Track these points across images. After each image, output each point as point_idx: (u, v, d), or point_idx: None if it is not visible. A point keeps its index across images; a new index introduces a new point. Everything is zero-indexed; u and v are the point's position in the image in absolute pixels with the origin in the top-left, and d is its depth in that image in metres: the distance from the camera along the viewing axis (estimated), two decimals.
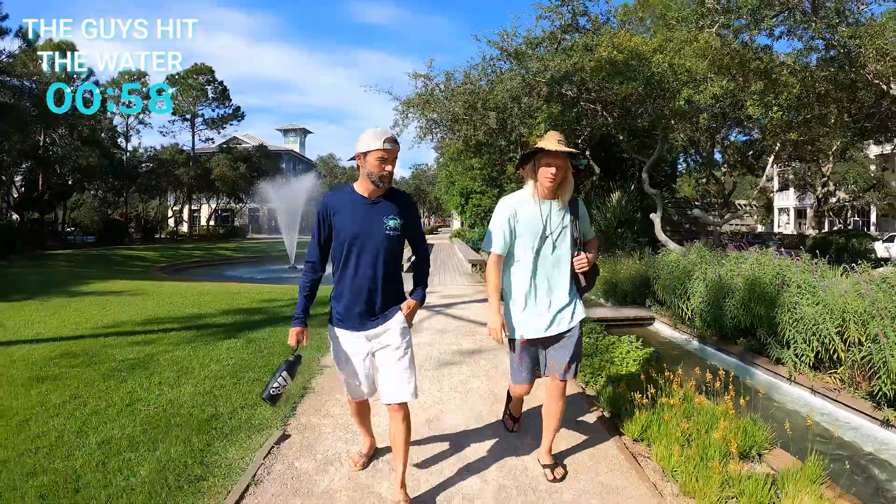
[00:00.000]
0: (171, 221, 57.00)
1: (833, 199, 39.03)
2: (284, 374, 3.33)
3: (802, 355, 6.26)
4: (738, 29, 9.42)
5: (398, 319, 3.38)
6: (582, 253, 3.67)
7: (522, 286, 3.69)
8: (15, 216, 36.46)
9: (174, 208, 57.01)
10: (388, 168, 3.22)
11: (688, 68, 10.84)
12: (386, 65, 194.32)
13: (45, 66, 33.46)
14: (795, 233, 42.99)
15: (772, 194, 56.30)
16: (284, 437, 4.42)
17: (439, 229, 76.32)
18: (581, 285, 3.76)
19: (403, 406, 3.35)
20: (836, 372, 6.12)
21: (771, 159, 16.79)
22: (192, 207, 54.74)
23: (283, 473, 3.88)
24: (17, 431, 4.56)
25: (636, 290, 11.12)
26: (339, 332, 3.43)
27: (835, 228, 42.23)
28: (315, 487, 3.70)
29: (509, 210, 3.67)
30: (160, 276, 21.51)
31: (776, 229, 59.30)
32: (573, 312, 3.73)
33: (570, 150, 3.53)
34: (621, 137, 16.24)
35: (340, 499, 3.60)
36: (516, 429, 4.53)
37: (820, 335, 6.04)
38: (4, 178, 34.02)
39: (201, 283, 17.36)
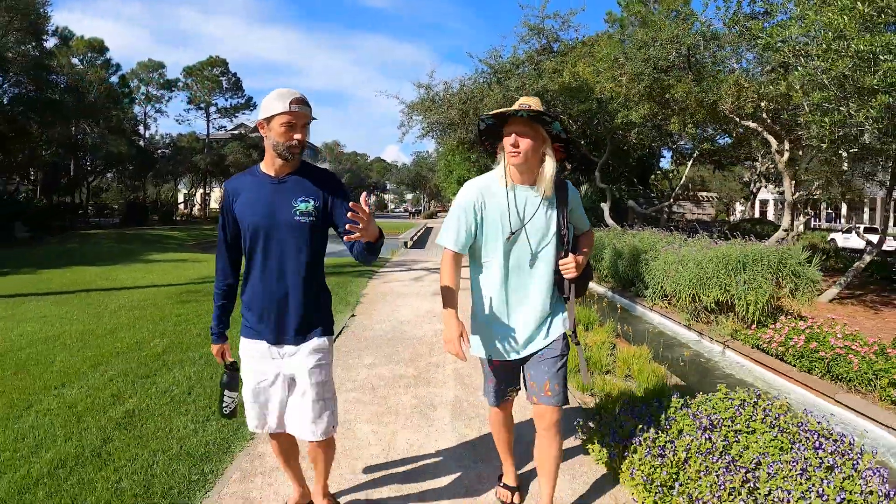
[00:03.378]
0: (181, 206, 60.53)
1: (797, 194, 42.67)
2: (227, 392, 2.98)
3: (654, 292, 10.08)
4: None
5: (314, 343, 2.74)
6: (570, 255, 2.86)
7: (492, 295, 2.91)
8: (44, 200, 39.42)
9: (187, 192, 60.61)
10: (297, 136, 2.59)
11: (622, 94, 14.70)
12: (387, 49, 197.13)
13: (76, 62, 37.16)
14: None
15: (753, 187, 59.99)
16: (352, 315, 8.32)
17: (438, 213, 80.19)
18: (565, 294, 2.94)
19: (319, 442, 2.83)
20: (669, 301, 9.99)
21: (689, 163, 20.70)
22: (204, 191, 58.60)
23: (358, 326, 7.76)
24: (196, 321, 8.33)
25: None
26: (247, 344, 2.81)
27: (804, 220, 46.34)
28: (370, 333, 7.49)
29: (473, 196, 2.85)
30: (200, 251, 24.98)
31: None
32: (549, 327, 2.93)
33: (536, 110, 2.67)
34: (583, 142, 20.03)
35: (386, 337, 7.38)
36: (516, 500, 3.33)
37: (658, 279, 9.85)
38: (38, 164, 36.93)
39: None
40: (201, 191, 58.46)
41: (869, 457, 3.15)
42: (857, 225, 34.57)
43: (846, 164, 13.12)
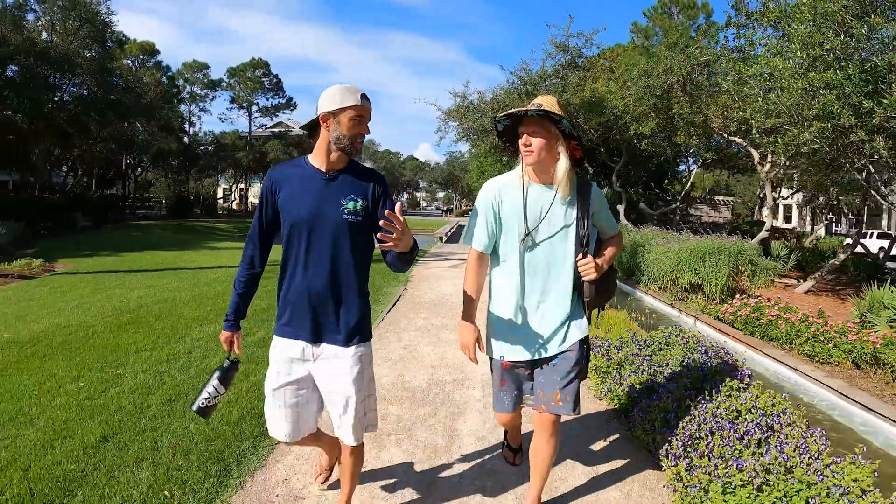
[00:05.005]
0: (220, 201, 62.88)
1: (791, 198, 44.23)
2: (216, 382, 2.77)
3: (647, 278, 12.18)
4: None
5: (358, 351, 2.64)
6: (589, 256, 2.77)
7: (509, 294, 2.86)
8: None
9: (225, 187, 63.43)
10: (364, 131, 2.52)
11: (631, 111, 16.82)
12: (418, 46, 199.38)
13: (128, 63, 39.71)
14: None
15: (761, 193, 61.52)
16: (405, 289, 10.55)
17: (469, 212, 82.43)
18: (584, 298, 2.84)
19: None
20: (658, 286, 12.07)
21: (694, 170, 22.75)
22: (242, 186, 61.52)
23: (411, 295, 9.94)
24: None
25: None
26: (282, 344, 2.69)
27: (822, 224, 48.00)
28: (421, 300, 9.66)
29: (493, 195, 2.81)
30: None
31: (780, 224, 65.16)
32: (567, 331, 2.83)
33: (544, 109, 2.59)
34: (602, 150, 22.11)
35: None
36: (517, 461, 3.53)
37: (650, 267, 11.96)
38: (93, 159, 39.17)
39: None
40: (241, 186, 61.13)
41: (740, 364, 5.23)
42: (865, 231, 36.07)
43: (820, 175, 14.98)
